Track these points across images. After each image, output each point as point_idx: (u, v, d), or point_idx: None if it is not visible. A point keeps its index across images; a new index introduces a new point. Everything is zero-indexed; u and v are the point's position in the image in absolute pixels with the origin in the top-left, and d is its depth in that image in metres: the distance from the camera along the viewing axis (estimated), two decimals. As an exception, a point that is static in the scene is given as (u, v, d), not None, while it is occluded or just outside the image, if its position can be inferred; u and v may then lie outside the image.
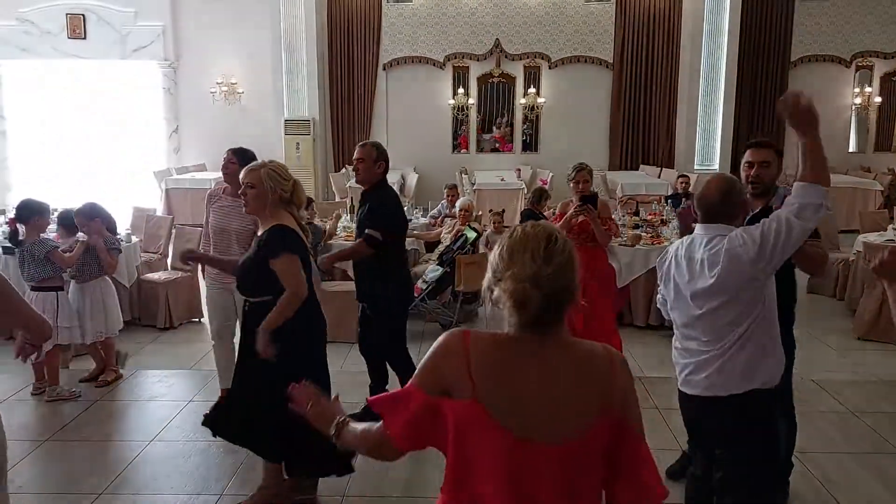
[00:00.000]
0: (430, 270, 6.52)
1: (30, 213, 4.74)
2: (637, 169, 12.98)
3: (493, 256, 1.52)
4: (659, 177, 11.85)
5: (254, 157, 4.27)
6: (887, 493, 3.62)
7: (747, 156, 3.12)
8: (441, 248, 6.94)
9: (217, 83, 13.10)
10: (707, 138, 12.61)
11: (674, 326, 2.72)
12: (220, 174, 4.61)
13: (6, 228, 5.52)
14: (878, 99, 13.39)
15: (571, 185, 4.92)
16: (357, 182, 4.24)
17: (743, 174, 3.13)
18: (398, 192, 11.20)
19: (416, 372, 1.55)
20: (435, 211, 8.46)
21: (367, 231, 4.04)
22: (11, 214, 5.66)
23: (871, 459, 3.97)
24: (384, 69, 13.27)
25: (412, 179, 12.26)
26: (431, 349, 1.54)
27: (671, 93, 13.08)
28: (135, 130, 13.29)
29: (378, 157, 4.08)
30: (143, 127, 13.27)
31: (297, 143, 12.41)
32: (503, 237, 1.53)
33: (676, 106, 13.07)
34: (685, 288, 2.55)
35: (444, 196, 8.18)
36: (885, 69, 13.36)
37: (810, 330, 6.37)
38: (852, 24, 13.10)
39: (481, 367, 1.46)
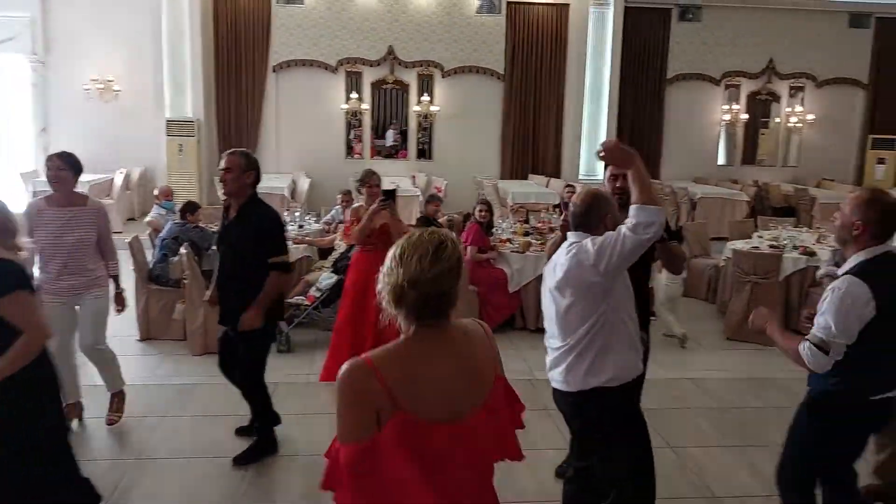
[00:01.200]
0: (324, 278, 6.40)
1: None
2: (527, 178, 13.34)
3: (387, 258, 1.62)
4: (547, 186, 12.24)
5: (78, 164, 4.07)
6: (755, 482, 3.88)
7: (611, 169, 3.35)
8: (335, 254, 6.83)
9: (91, 80, 12.28)
10: (592, 149, 13.15)
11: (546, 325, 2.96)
12: (95, 176, 4.38)
13: None
14: (745, 116, 14.45)
15: (364, 191, 4.90)
16: (225, 193, 3.89)
17: (609, 186, 3.40)
18: (290, 198, 10.93)
19: (339, 428, 1.55)
20: (328, 217, 8.34)
21: (275, 259, 3.77)
22: None
23: (741, 451, 4.26)
24: (274, 71, 12.95)
25: (304, 184, 12.02)
26: (340, 393, 1.55)
27: (558, 105, 13.55)
28: (-1, 128, 12.29)
29: (248, 167, 3.76)
30: (8, 125, 12.26)
31: (181, 145, 11.87)
32: (400, 240, 1.64)
33: (563, 118, 13.54)
34: (545, 286, 2.86)
35: (338, 201, 8.08)
36: (750, 88, 14.43)
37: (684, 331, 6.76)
38: (722, 45, 14.09)
39: (393, 379, 1.54)
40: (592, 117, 13.01)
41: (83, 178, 4.34)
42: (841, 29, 14.21)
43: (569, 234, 2.85)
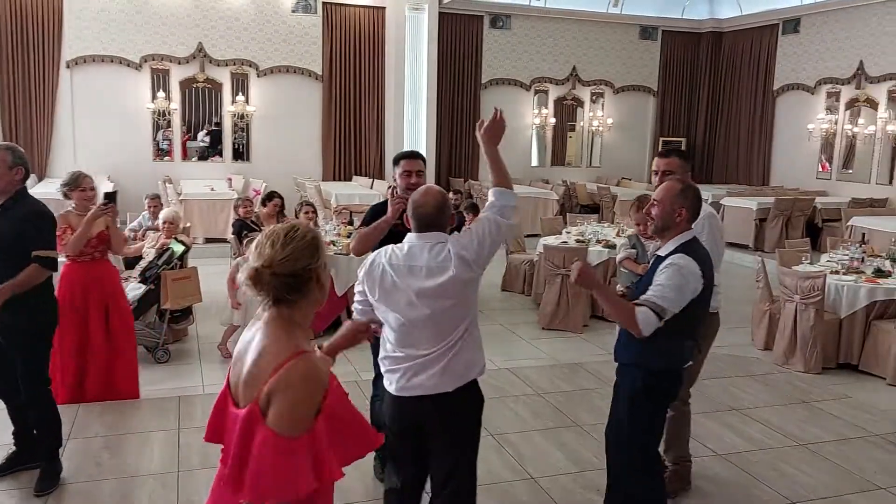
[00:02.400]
0: (132, 289, 5.93)
1: None
2: (350, 180, 13.30)
3: (248, 251, 1.83)
4: (371, 187, 12.28)
5: None
6: (568, 462, 4.15)
7: (405, 165, 3.66)
8: (143, 263, 6.36)
9: None
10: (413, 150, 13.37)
11: (385, 337, 2.72)
12: None
13: None
14: (553, 120, 15.45)
15: (74, 195, 4.56)
16: None
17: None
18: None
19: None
20: (135, 223, 7.77)
21: (39, 253, 3.50)
22: None
23: (555, 433, 4.54)
24: (68, 67, 11.81)
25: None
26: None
27: (380, 108, 13.64)
28: None
29: (15, 162, 3.54)
30: None
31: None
32: (258, 236, 1.82)
33: (385, 120, 13.66)
34: (407, 293, 2.60)
35: (146, 207, 7.54)
36: (557, 94, 15.45)
37: (503, 323, 7.09)
38: (530, 52, 14.95)
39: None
40: (413, 119, 13.23)
41: None
42: (633, 40, 15.65)
43: (414, 236, 2.67)
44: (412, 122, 13.22)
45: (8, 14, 11.41)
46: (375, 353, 3.03)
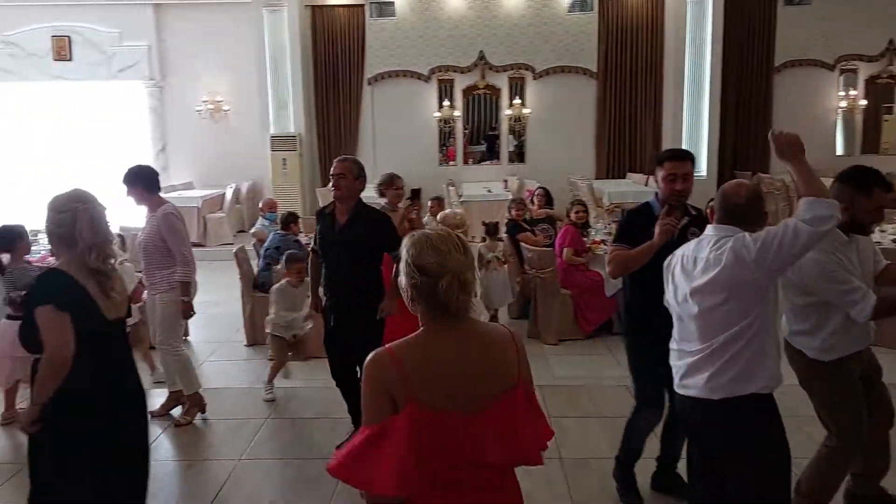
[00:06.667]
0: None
1: (10, 239, 4.68)
2: (624, 177, 13.00)
3: (410, 257, 1.72)
4: (646, 184, 11.86)
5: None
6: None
7: (668, 168, 3.19)
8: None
9: (203, 101, 13.11)
10: (693, 145, 12.64)
11: (674, 328, 2.71)
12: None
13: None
14: (864, 102, 13.47)
15: (388, 193, 5.24)
16: (337, 198, 4.07)
17: (665, 188, 3.21)
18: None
19: (364, 413, 1.68)
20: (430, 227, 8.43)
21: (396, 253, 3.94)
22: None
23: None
24: (369, 84, 13.30)
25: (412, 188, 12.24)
26: (364, 381, 1.69)
27: (656, 100, 13.14)
28: (122, 150, 13.25)
29: (359, 174, 4.06)
30: (131, 147, 13.24)
31: (284, 160, 12.41)
32: (412, 240, 1.74)
33: (662, 113, 13.12)
34: (684, 286, 2.57)
35: (429, 209, 8.17)
36: (869, 72, 13.44)
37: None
38: (834, 27, 13.20)
39: (411, 367, 1.65)
40: (693, 109, 12.53)
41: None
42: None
43: (711, 227, 2.61)
44: (692, 112, 12.56)
45: (323, 42, 13.19)
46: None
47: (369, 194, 4.50)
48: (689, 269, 2.56)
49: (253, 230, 8.74)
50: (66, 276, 2.54)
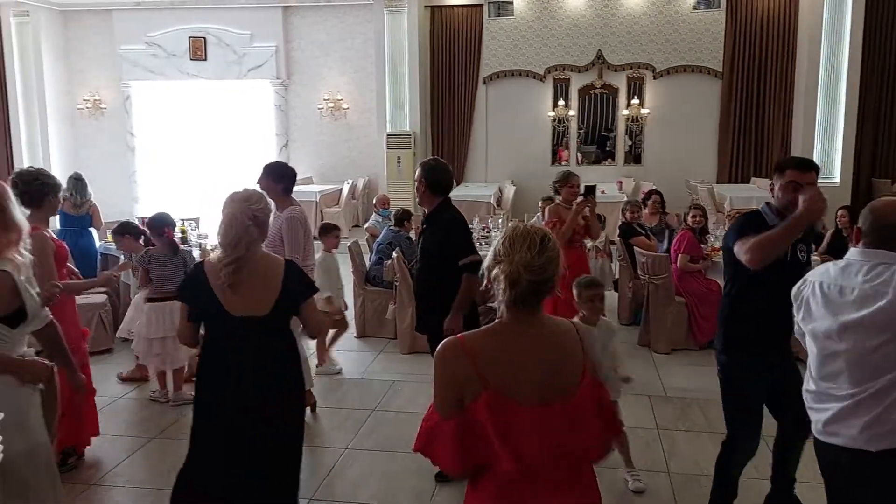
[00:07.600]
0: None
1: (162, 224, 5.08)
2: (748, 182, 12.35)
3: (497, 244, 1.81)
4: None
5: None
6: None
7: (792, 175, 2.92)
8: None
9: (324, 100, 13.64)
10: (826, 150, 11.82)
11: (810, 365, 2.37)
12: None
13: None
14: None
15: (563, 191, 5.18)
16: (420, 204, 4.07)
17: (781, 196, 2.95)
18: (496, 205, 11.21)
19: (434, 398, 1.79)
20: (533, 221, 8.40)
21: (464, 261, 3.74)
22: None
23: None
24: (484, 83, 13.34)
25: (509, 192, 12.23)
26: (436, 367, 1.79)
27: (786, 102, 12.39)
28: (249, 145, 14.03)
29: (428, 180, 3.93)
30: (257, 142, 13.99)
31: (398, 157, 12.68)
32: (506, 229, 1.83)
33: (792, 116, 12.36)
34: (829, 320, 2.24)
35: (539, 208, 8.10)
36: None
37: None
38: None
39: (484, 359, 1.73)
40: (827, 112, 11.71)
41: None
42: None
43: (857, 251, 2.27)
44: (826, 114, 11.72)
45: (440, 42, 13.36)
46: None
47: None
48: (835, 300, 2.23)
49: (366, 225, 9.00)
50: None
